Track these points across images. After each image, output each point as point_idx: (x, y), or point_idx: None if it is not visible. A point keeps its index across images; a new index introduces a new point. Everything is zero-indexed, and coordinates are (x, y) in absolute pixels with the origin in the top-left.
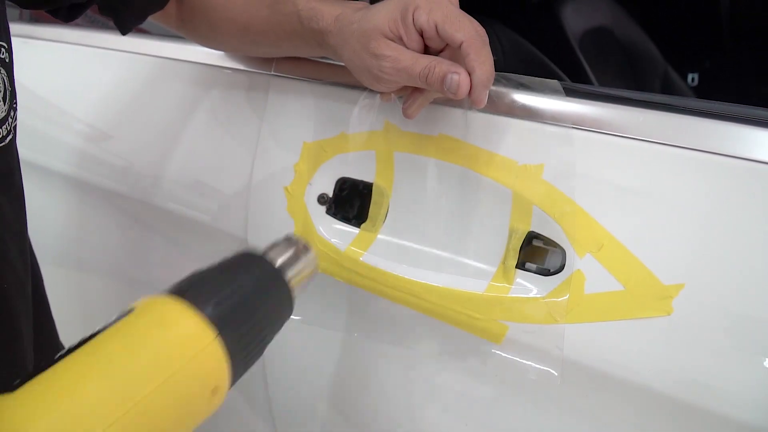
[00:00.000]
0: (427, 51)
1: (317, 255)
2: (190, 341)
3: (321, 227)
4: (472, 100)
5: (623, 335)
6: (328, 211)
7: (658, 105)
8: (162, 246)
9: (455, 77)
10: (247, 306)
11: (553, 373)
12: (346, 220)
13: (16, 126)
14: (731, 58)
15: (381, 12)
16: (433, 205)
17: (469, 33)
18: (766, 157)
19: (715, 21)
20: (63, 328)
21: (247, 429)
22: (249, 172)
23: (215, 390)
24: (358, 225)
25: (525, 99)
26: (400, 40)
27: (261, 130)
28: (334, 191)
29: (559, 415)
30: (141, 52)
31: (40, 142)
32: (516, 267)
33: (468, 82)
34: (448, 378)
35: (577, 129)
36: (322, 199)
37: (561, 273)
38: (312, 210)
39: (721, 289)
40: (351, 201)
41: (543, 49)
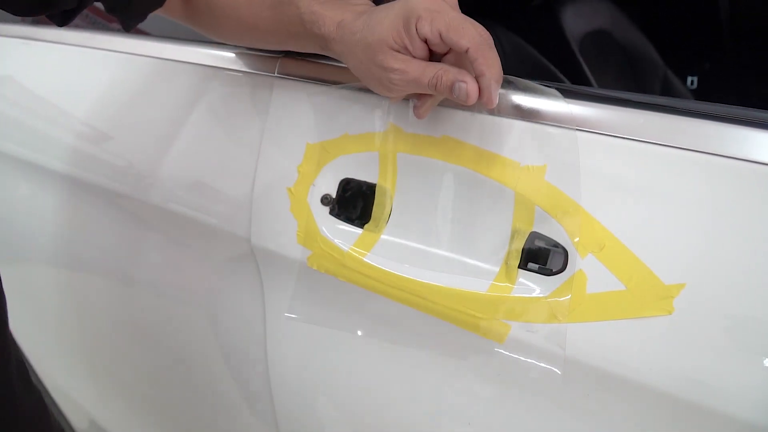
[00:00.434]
0: (433, 55)
1: (321, 255)
2: None
3: (324, 228)
4: (483, 101)
5: (625, 334)
6: (331, 212)
7: (658, 107)
8: (166, 247)
9: (463, 86)
10: None
11: (556, 372)
12: (349, 220)
13: None
14: (730, 60)
15: (384, 23)
16: (436, 206)
17: (474, 38)
18: (765, 158)
19: (715, 24)
20: (59, 327)
21: (249, 430)
22: (252, 173)
23: None
24: (361, 226)
25: (526, 101)
26: (405, 49)
27: (264, 131)
28: (337, 192)
29: (562, 414)
30: (143, 53)
31: (41, 142)
32: (518, 267)
33: (476, 89)
34: (451, 377)
35: (579, 130)
36: (325, 200)
37: (563, 273)
38: (315, 211)
39: (722, 289)
40: (354, 202)
41: (543, 52)
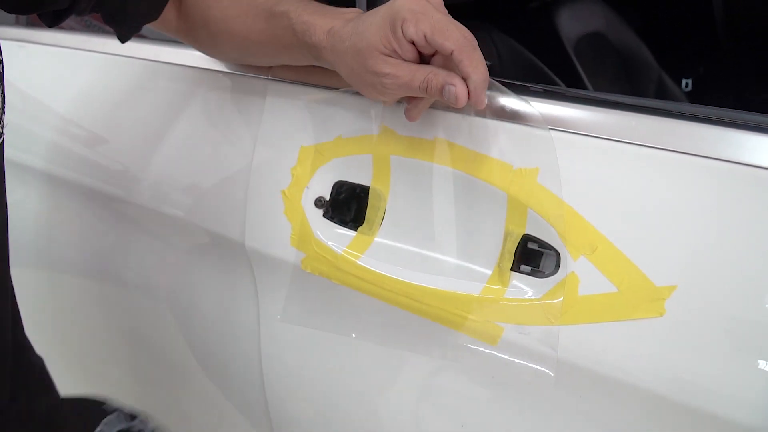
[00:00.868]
0: (422, 56)
1: (315, 258)
2: None
3: (318, 231)
4: (472, 102)
5: (617, 336)
6: (325, 215)
7: (651, 109)
8: (159, 250)
9: (452, 89)
10: None
11: (548, 374)
12: (343, 223)
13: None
14: (725, 63)
15: (371, 28)
16: (430, 209)
17: (458, 40)
18: (757, 161)
19: (710, 26)
20: (50, 330)
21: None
22: (246, 176)
23: None
24: (355, 228)
25: (520, 104)
26: (395, 53)
27: (258, 134)
28: (331, 195)
29: (554, 416)
30: (138, 56)
31: (34, 145)
32: (511, 269)
33: (465, 91)
34: (444, 379)
35: (572, 133)
36: (319, 203)
37: (555, 275)
38: (309, 213)
39: (713, 291)
40: (348, 204)
41: (539, 54)
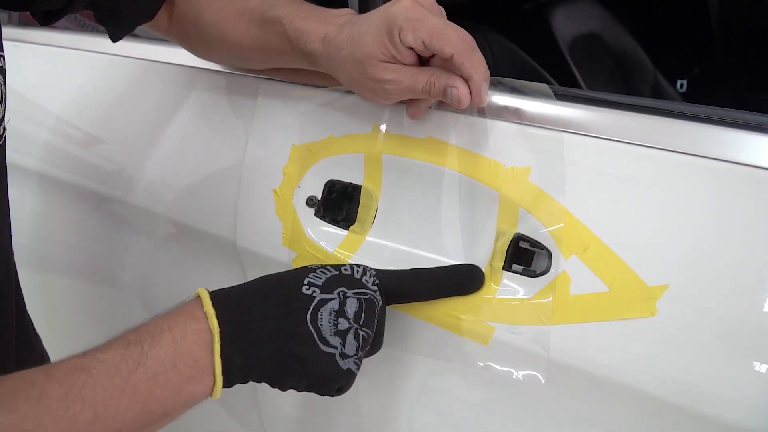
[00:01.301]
0: (422, 59)
1: (306, 257)
2: None
3: (310, 230)
4: (474, 103)
5: (608, 336)
6: (316, 214)
7: (643, 108)
8: (150, 249)
9: (455, 92)
10: None
11: (539, 374)
12: (334, 222)
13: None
14: (720, 64)
15: (367, 37)
16: (421, 207)
17: (457, 44)
18: (752, 160)
19: (705, 27)
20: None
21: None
22: (238, 174)
23: None
24: (346, 227)
25: (512, 102)
26: (394, 59)
27: (250, 132)
28: (322, 194)
29: (546, 416)
30: (131, 55)
31: (27, 145)
32: (503, 268)
33: (467, 93)
34: (435, 379)
35: (564, 132)
36: (310, 202)
37: (547, 274)
38: (301, 212)
39: (705, 291)
40: (340, 203)
41: (533, 55)
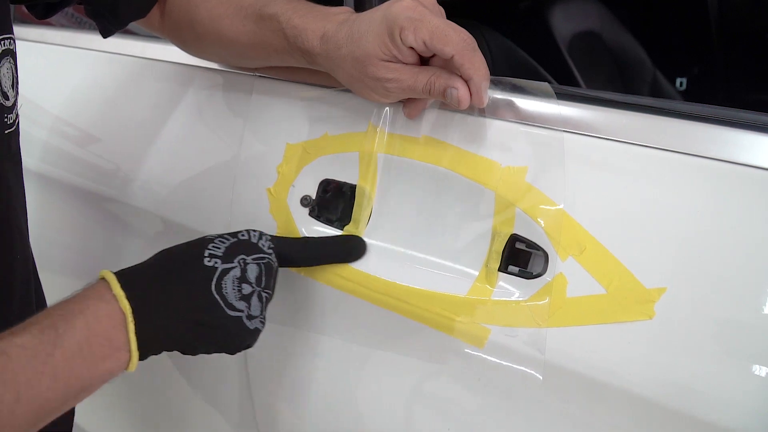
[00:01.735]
0: (423, 58)
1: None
2: None
3: (304, 229)
4: (474, 103)
5: (605, 339)
6: (311, 213)
7: (642, 107)
8: (144, 248)
9: (455, 92)
10: None
11: (536, 377)
12: (329, 222)
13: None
14: (720, 62)
15: (368, 37)
16: (416, 207)
17: (457, 44)
18: (750, 160)
19: (704, 26)
20: None
21: None
22: (232, 173)
23: None
24: (341, 227)
25: (512, 101)
26: (395, 58)
27: (244, 131)
28: (317, 193)
29: (542, 419)
30: (126, 53)
31: (22, 143)
32: (498, 270)
33: (467, 94)
34: (430, 382)
35: (561, 131)
36: (305, 201)
37: (543, 276)
38: (295, 212)
39: (703, 293)
40: (334, 203)
41: (532, 54)
